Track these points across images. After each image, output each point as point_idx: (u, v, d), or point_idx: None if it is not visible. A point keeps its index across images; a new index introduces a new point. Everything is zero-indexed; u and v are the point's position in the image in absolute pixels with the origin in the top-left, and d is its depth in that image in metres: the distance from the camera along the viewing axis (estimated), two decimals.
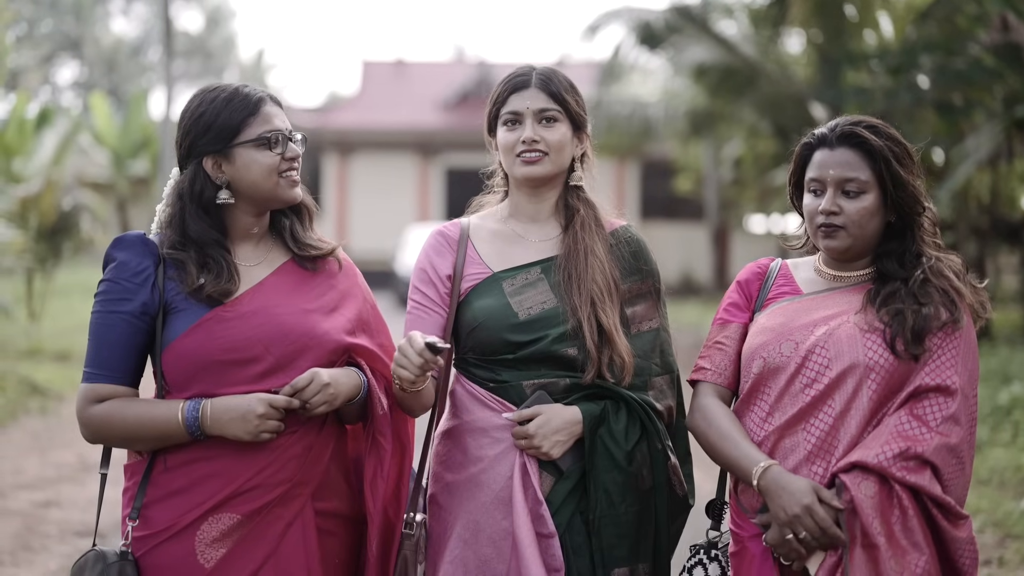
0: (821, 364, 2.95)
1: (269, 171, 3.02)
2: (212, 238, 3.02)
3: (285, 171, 3.04)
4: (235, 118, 3.00)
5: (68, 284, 21.10)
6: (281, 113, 3.08)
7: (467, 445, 3.17)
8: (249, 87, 3.07)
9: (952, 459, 2.87)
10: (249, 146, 3.01)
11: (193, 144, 3.03)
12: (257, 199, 3.05)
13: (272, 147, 3.02)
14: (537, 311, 3.15)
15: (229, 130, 3.00)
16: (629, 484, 3.11)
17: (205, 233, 3.01)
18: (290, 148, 3.04)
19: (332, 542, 3.10)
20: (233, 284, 2.99)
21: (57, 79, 52.94)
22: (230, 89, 3.05)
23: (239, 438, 2.91)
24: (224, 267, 3.00)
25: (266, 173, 3.02)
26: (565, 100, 3.21)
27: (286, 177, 3.05)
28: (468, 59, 39.63)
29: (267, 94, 3.08)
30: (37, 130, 22.45)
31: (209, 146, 3.01)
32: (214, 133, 3.00)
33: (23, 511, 7.57)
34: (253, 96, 3.04)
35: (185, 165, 3.05)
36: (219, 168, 3.02)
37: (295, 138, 3.07)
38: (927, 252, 3.01)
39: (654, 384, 3.21)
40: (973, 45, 13.83)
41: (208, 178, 3.03)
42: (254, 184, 3.02)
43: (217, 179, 3.03)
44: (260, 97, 3.04)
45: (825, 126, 3.07)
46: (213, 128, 3.00)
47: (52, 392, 12.16)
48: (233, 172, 3.02)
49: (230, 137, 3.00)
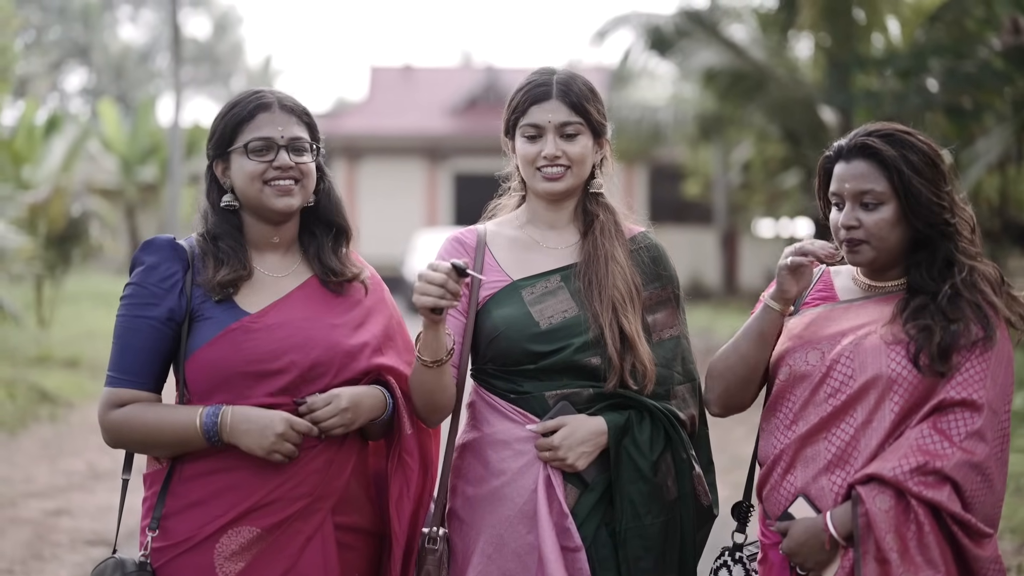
0: (845, 375, 2.90)
1: (252, 178, 3.00)
2: (225, 231, 3.04)
3: (272, 179, 3.00)
4: (231, 124, 3.03)
5: (77, 291, 21.07)
6: (285, 120, 3.02)
7: (488, 458, 3.11)
8: (261, 92, 3.07)
9: (976, 476, 2.80)
10: (239, 152, 3.02)
11: (208, 148, 3.08)
12: (249, 206, 3.05)
13: (254, 154, 3.00)
14: (559, 320, 3.08)
15: (226, 136, 3.03)
16: (654, 495, 3.05)
17: (218, 227, 3.04)
18: (280, 157, 3.00)
19: (352, 556, 3.07)
20: (244, 270, 2.99)
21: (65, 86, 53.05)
22: (243, 95, 3.08)
23: (251, 451, 2.88)
24: (235, 256, 3.00)
25: (250, 180, 3.00)
26: (587, 110, 3.14)
27: (273, 186, 3.00)
28: (476, 64, 39.69)
29: (275, 100, 3.04)
30: (46, 137, 22.52)
31: (214, 151, 3.06)
32: (217, 138, 3.05)
33: (33, 519, 7.53)
34: (253, 103, 3.03)
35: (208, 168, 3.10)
36: (224, 173, 3.05)
37: (298, 147, 3.02)
38: (960, 261, 2.91)
39: (676, 393, 3.16)
40: (982, 48, 13.80)
41: (216, 182, 3.07)
42: (242, 191, 3.03)
43: (224, 184, 3.06)
44: (260, 104, 3.03)
45: (844, 137, 3.03)
46: (217, 133, 3.05)
47: (62, 399, 12.14)
48: (231, 178, 3.04)
49: (227, 143, 3.03)
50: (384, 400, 3.05)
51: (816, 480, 2.90)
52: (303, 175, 3.03)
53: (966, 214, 2.97)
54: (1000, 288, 2.93)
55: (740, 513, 3.21)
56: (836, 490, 2.87)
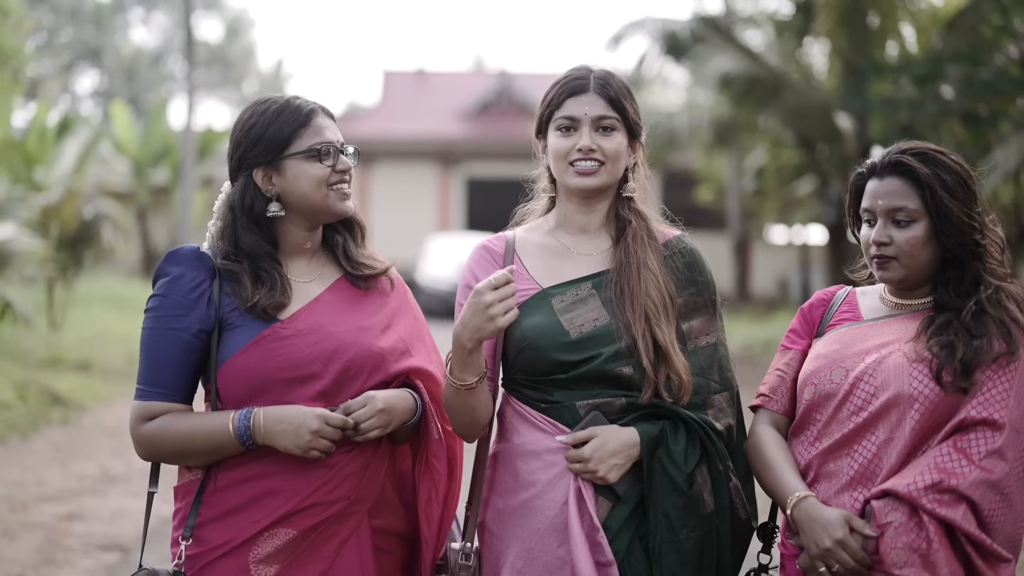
0: (868, 392, 2.89)
1: (319, 183, 2.98)
2: (264, 251, 2.99)
3: (335, 183, 3.00)
4: (285, 130, 2.97)
5: (89, 293, 21.07)
6: (333, 125, 3.04)
7: (518, 469, 3.04)
8: (301, 99, 3.04)
9: (994, 495, 2.77)
10: (299, 158, 2.97)
11: (244, 156, 3.00)
12: (307, 212, 3.01)
13: (322, 159, 2.98)
14: (589, 328, 3.01)
15: (279, 142, 2.97)
16: (690, 508, 2.96)
17: (257, 246, 2.98)
18: (341, 160, 3.01)
19: (388, 560, 3.07)
20: (286, 297, 2.97)
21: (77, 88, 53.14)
22: (282, 101, 3.03)
23: (288, 451, 2.87)
24: (277, 280, 2.97)
25: (316, 185, 2.98)
26: (624, 107, 3.08)
27: (336, 190, 3.01)
28: (489, 69, 39.72)
29: (319, 106, 3.04)
30: (58, 139, 22.52)
31: (259, 158, 2.98)
32: (264, 145, 2.97)
33: (46, 524, 7.50)
34: (304, 108, 3.00)
35: (236, 177, 3.02)
36: (269, 180, 2.99)
37: (347, 151, 3.03)
38: (987, 280, 2.91)
39: (713, 402, 3.07)
40: (999, 55, 13.75)
41: (258, 190, 3.00)
42: (304, 196, 2.98)
43: (267, 192, 3.00)
44: (312, 109, 3.01)
45: (877, 154, 3.01)
46: (263, 140, 2.97)
47: (74, 403, 12.11)
48: (283, 184, 2.99)
49: (280, 149, 2.97)
50: (414, 404, 3.03)
51: (838, 496, 2.89)
52: (351, 177, 3.05)
53: (996, 235, 2.97)
54: None
55: (765, 534, 3.17)
56: (857, 507, 2.86)
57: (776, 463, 2.98)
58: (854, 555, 2.78)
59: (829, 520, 2.82)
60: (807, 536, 2.84)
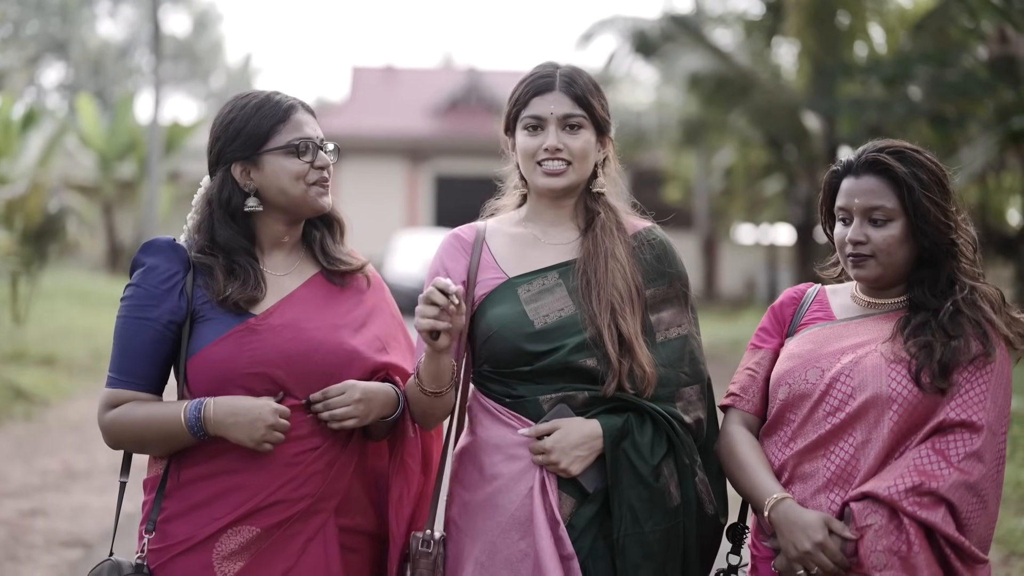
0: (845, 393, 2.88)
1: (297, 178, 2.97)
2: (240, 245, 2.98)
3: (315, 180, 2.99)
4: (264, 125, 2.97)
5: (54, 288, 20.89)
6: (312, 121, 3.03)
7: (483, 463, 3.03)
8: (281, 94, 3.03)
9: (972, 497, 2.78)
10: (278, 153, 2.97)
11: (222, 151, 2.99)
12: (285, 207, 3.00)
13: (300, 155, 2.97)
14: (554, 319, 2.99)
15: (258, 137, 2.96)
16: (656, 501, 2.94)
17: (233, 240, 2.98)
18: (320, 157, 3.00)
19: (355, 559, 3.04)
20: (259, 292, 2.96)
21: (43, 81, 52.71)
22: (262, 96, 3.02)
23: (240, 443, 2.85)
24: (251, 275, 2.96)
25: (293, 181, 2.97)
26: (591, 104, 3.07)
27: (315, 185, 2.99)
28: (458, 66, 39.65)
29: (299, 102, 3.03)
30: (23, 132, 22.33)
31: (238, 153, 2.97)
32: (243, 140, 2.97)
33: (8, 520, 7.42)
34: (284, 103, 3.00)
35: (214, 172, 3.01)
36: (247, 175, 2.99)
37: (326, 147, 3.02)
38: (961, 280, 2.91)
39: (682, 395, 3.06)
40: (967, 57, 13.85)
41: (236, 185, 2.99)
42: (282, 192, 2.98)
43: (245, 186, 2.99)
44: (291, 104, 3.01)
45: (853, 152, 3.00)
46: (242, 135, 2.97)
47: (37, 397, 12.00)
48: (261, 179, 2.98)
49: (259, 144, 2.97)
50: (396, 398, 3.02)
51: (815, 497, 2.88)
52: (331, 173, 3.04)
53: (969, 235, 2.97)
54: (1000, 307, 2.93)
55: (735, 534, 3.15)
56: (834, 508, 2.86)
57: (750, 464, 2.96)
58: (833, 557, 2.77)
59: (808, 522, 2.80)
60: (785, 539, 2.83)
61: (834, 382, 2.89)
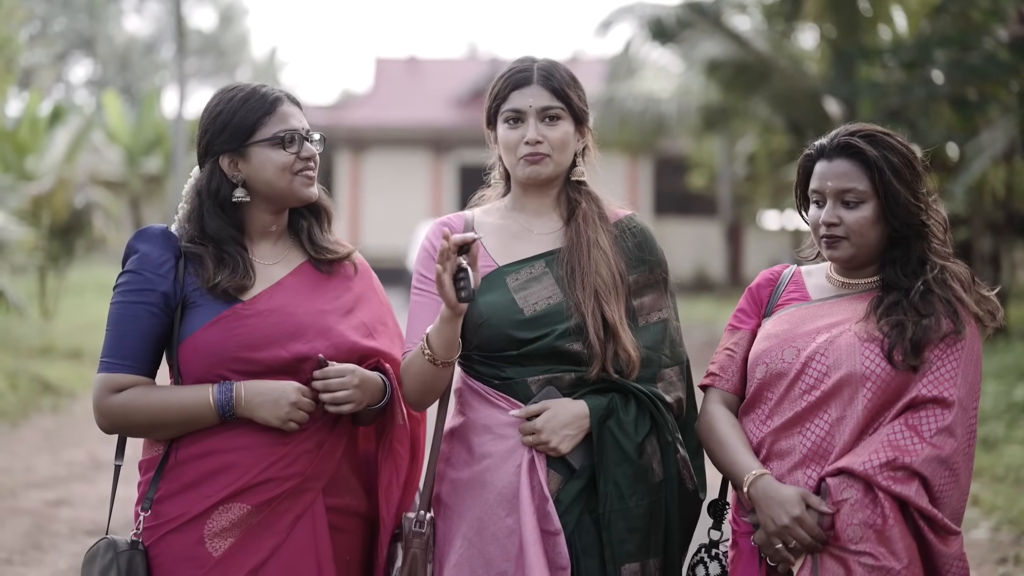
0: (820, 371, 2.95)
1: (283, 169, 3.05)
2: (229, 235, 3.06)
3: (300, 170, 3.07)
4: (251, 117, 3.04)
5: (81, 282, 21.11)
6: (298, 113, 3.11)
7: (472, 443, 3.12)
8: (267, 87, 3.11)
9: (944, 471, 2.86)
10: (264, 145, 3.04)
11: (210, 143, 3.07)
12: (272, 197, 3.08)
13: (287, 146, 3.05)
14: (543, 307, 3.09)
15: (245, 129, 3.04)
16: (640, 477, 3.06)
17: (222, 230, 3.05)
18: (306, 148, 3.07)
19: (345, 539, 3.12)
20: (248, 280, 3.03)
21: (70, 77, 53.10)
22: (248, 88, 3.09)
23: (267, 422, 2.95)
24: (240, 263, 3.04)
25: (280, 171, 3.04)
26: (568, 96, 3.16)
27: (301, 176, 3.07)
28: (481, 55, 39.68)
29: (285, 93, 3.11)
30: (50, 128, 22.50)
31: (225, 144, 3.05)
32: (230, 132, 3.04)
33: (34, 510, 7.55)
34: (270, 96, 3.07)
35: (203, 163, 3.09)
36: (235, 167, 3.06)
37: (312, 138, 3.10)
38: (932, 260, 2.99)
39: (663, 376, 3.16)
40: (988, 39, 13.74)
41: (224, 176, 3.07)
42: (269, 183, 3.05)
43: (233, 177, 3.06)
44: (277, 97, 3.08)
45: (825, 136, 3.07)
46: (229, 127, 3.04)
47: (64, 390, 12.16)
48: (249, 171, 3.05)
49: (246, 136, 3.04)
50: (383, 387, 3.09)
51: (791, 473, 2.95)
52: (316, 163, 3.11)
53: (940, 216, 3.05)
54: (970, 286, 3.00)
55: (716, 510, 3.25)
56: (811, 484, 2.93)
57: (730, 441, 3.03)
58: (811, 531, 2.84)
59: (786, 498, 2.87)
60: (764, 514, 2.90)
61: (809, 361, 2.96)
